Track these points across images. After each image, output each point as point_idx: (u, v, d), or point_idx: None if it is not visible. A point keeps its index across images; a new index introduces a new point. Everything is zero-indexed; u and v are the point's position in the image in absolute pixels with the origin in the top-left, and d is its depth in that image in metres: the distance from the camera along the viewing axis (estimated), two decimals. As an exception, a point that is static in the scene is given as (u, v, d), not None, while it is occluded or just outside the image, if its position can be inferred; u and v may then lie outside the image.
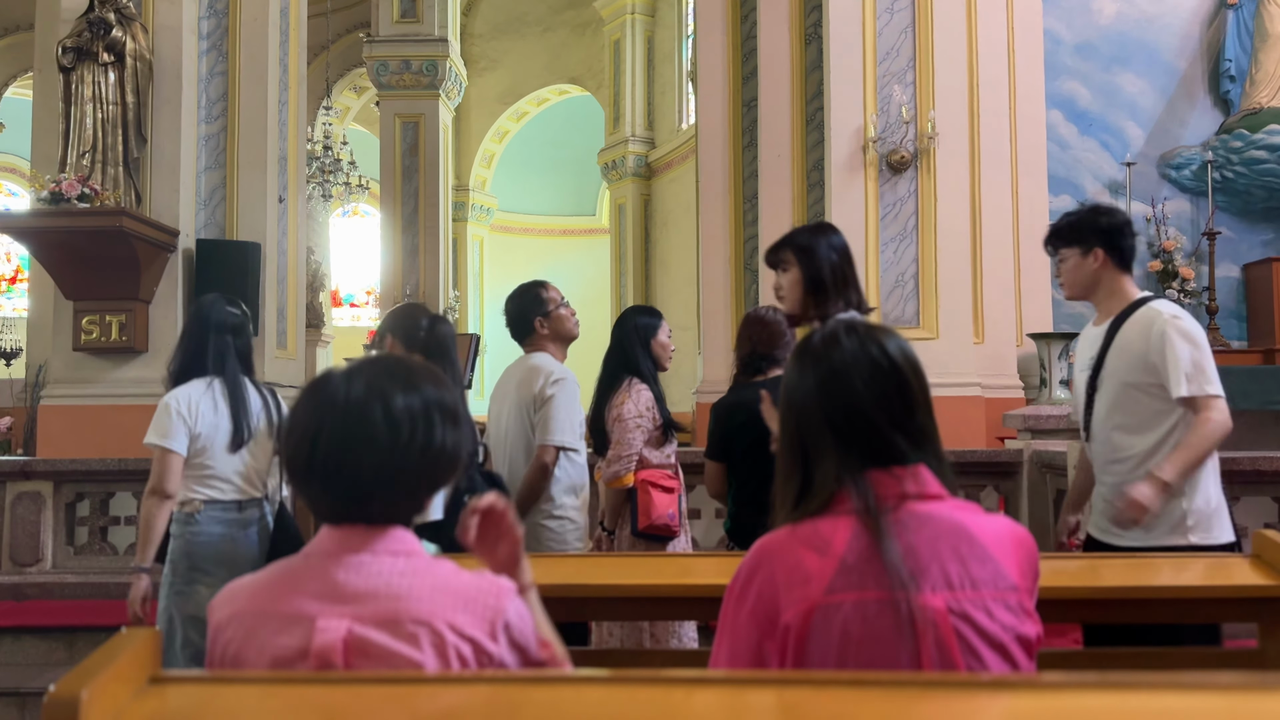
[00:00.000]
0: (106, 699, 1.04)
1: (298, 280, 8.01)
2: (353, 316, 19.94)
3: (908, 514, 1.32)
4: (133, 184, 6.47)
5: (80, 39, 6.32)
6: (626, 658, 2.86)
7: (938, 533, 1.31)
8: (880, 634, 1.26)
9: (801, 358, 1.44)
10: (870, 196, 6.59)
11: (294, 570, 1.27)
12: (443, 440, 1.28)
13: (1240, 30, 7.97)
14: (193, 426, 2.92)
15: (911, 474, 1.36)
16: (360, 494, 1.25)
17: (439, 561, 1.29)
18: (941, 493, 1.37)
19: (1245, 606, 2.13)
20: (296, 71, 7.91)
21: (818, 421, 1.38)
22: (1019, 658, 1.29)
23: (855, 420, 1.36)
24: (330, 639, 1.19)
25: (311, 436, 1.25)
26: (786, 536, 1.35)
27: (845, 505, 1.34)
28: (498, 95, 16.88)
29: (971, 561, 1.30)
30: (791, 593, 1.29)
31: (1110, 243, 2.82)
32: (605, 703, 1.10)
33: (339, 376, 1.29)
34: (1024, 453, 5.14)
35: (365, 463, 1.24)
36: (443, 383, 1.33)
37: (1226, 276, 7.96)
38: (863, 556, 1.29)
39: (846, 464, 1.35)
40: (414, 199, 13.58)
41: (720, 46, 7.95)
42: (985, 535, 1.33)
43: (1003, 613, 1.29)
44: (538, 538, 3.20)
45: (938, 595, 1.27)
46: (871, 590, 1.27)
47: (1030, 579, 1.34)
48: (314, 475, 1.26)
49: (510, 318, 3.40)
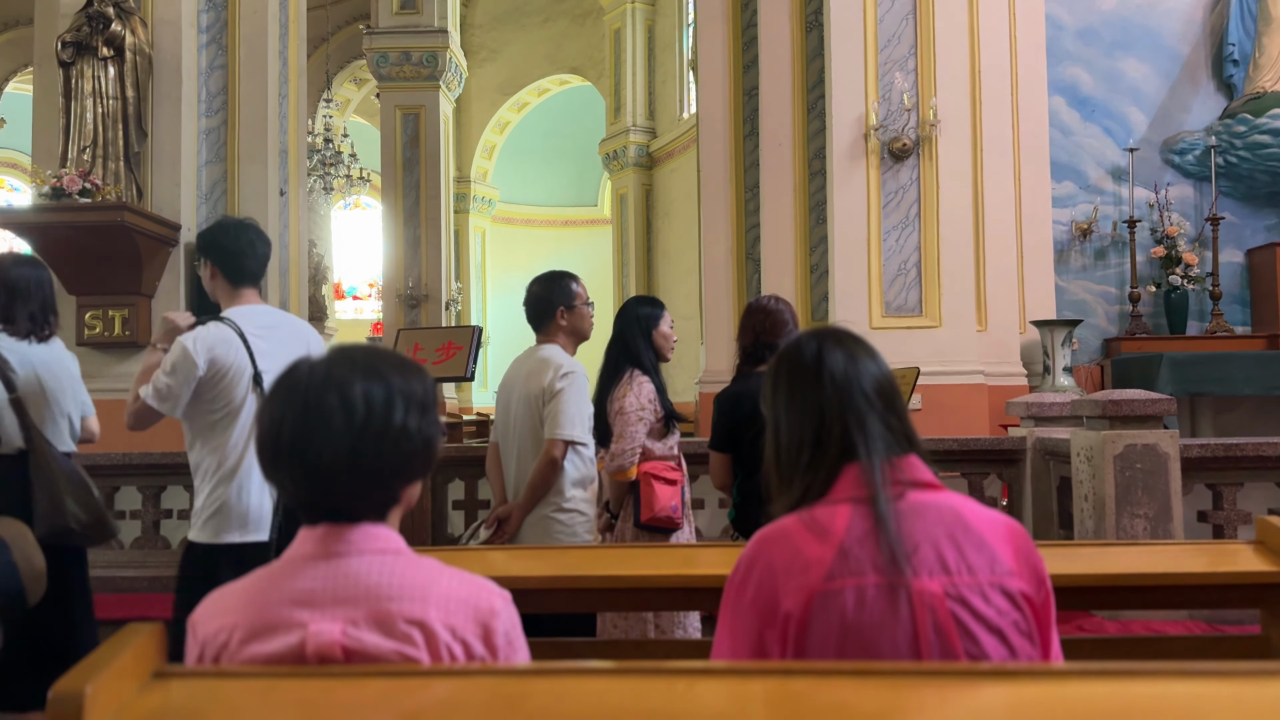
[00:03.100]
0: (110, 694, 1.04)
1: (300, 273, 8.01)
2: (355, 309, 19.95)
3: (907, 502, 1.34)
4: (134, 178, 6.47)
5: (79, 34, 6.31)
6: (630, 648, 2.86)
7: (935, 520, 1.33)
8: (879, 619, 1.27)
9: (791, 359, 1.48)
10: (872, 184, 6.57)
11: (279, 576, 1.25)
12: (404, 425, 1.25)
13: (1244, 14, 7.93)
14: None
15: (908, 464, 1.39)
16: (323, 484, 1.23)
17: (425, 560, 1.28)
18: (937, 482, 1.40)
19: (1249, 593, 2.13)
20: (296, 64, 7.89)
21: (821, 414, 1.40)
22: (1017, 643, 1.29)
23: (859, 412, 1.40)
24: (326, 642, 1.18)
25: (276, 426, 1.25)
26: (785, 525, 1.37)
27: (844, 493, 1.36)
28: (498, 86, 16.85)
29: (968, 548, 1.31)
30: (791, 581, 1.30)
31: None
32: (608, 694, 1.10)
33: (305, 365, 1.28)
34: (1027, 440, 5.13)
35: (325, 450, 1.22)
36: (414, 372, 1.31)
37: (1230, 262, 7.94)
38: (861, 542, 1.30)
39: (849, 454, 1.38)
40: (415, 191, 13.56)
41: (721, 35, 7.93)
42: (981, 523, 1.35)
43: (999, 598, 1.30)
44: (547, 530, 3.19)
45: (935, 580, 1.28)
46: (870, 576, 1.28)
47: (1024, 566, 1.35)
48: (281, 465, 1.25)
49: (533, 301, 3.36)
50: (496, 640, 1.24)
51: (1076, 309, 7.79)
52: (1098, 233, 7.96)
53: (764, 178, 7.45)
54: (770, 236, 7.37)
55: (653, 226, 15.21)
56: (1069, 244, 7.96)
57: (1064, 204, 7.91)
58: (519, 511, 3.21)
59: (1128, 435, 4.23)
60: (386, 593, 1.21)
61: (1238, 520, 4.51)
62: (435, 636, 1.20)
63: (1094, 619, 4.20)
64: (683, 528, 3.31)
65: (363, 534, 1.25)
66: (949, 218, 6.59)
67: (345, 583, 1.22)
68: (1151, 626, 4.08)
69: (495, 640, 1.24)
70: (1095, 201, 7.96)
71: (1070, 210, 7.96)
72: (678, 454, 3.39)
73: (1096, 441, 4.28)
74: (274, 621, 1.21)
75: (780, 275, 7.26)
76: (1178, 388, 6.72)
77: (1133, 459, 4.21)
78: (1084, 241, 7.97)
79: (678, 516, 3.24)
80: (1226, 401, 7.31)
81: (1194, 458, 4.43)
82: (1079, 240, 7.96)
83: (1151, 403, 4.25)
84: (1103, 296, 8.01)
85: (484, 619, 1.24)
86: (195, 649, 1.26)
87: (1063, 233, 7.92)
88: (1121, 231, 7.88)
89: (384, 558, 1.24)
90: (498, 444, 3.45)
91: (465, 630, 1.22)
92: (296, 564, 1.25)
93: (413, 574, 1.24)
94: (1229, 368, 6.97)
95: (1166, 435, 4.25)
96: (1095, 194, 8.00)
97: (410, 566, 1.25)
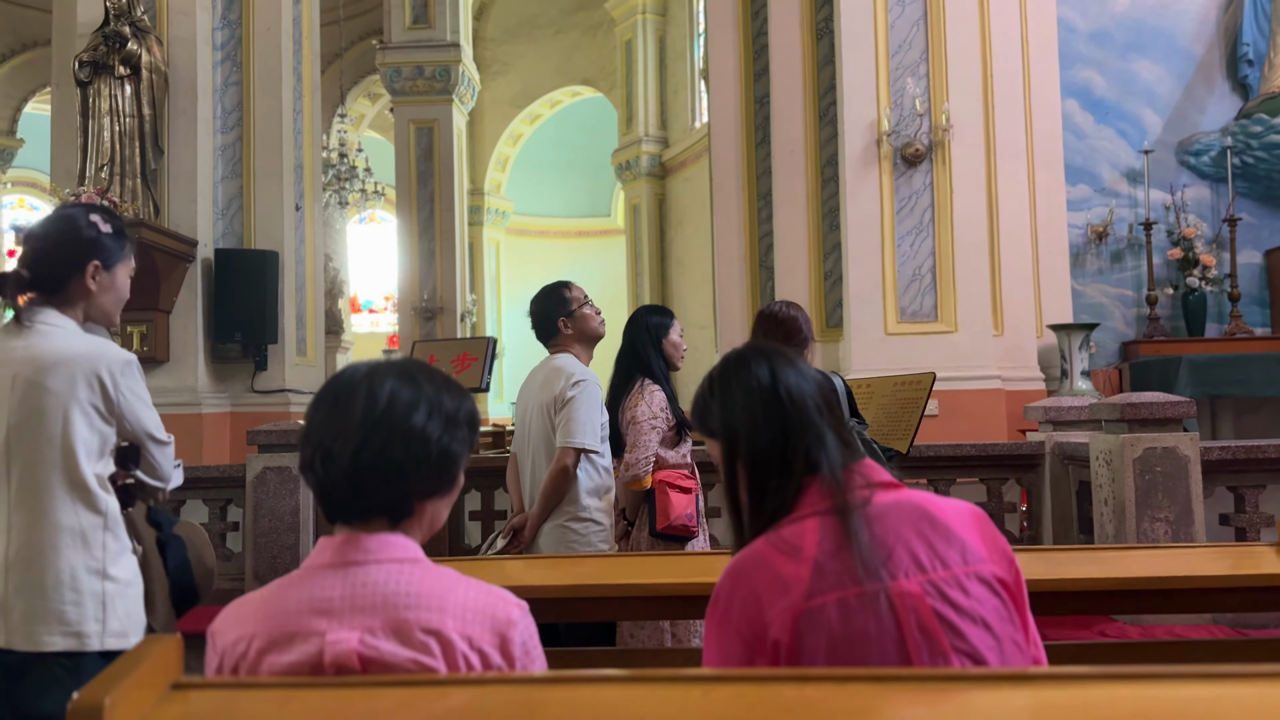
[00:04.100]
0: (129, 705, 1.05)
1: (316, 287, 8.06)
2: (371, 322, 20.05)
3: (874, 506, 1.35)
4: (150, 195, 6.53)
5: (96, 53, 6.39)
6: (647, 657, 2.85)
7: (903, 519, 1.33)
8: (865, 628, 1.26)
9: (746, 382, 1.45)
10: (885, 190, 6.56)
11: (297, 585, 1.25)
12: (422, 429, 1.26)
13: (1258, 14, 7.88)
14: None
15: (865, 468, 1.40)
16: (335, 474, 1.24)
17: (442, 569, 1.28)
18: (895, 481, 1.40)
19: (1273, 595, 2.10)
20: (310, 80, 7.96)
21: (785, 433, 1.40)
22: (1000, 631, 1.30)
23: (816, 427, 1.40)
24: (343, 651, 1.18)
25: (308, 416, 1.29)
26: (757, 550, 1.36)
27: (809, 507, 1.36)
28: (511, 98, 16.93)
29: (938, 542, 1.32)
30: (775, 605, 1.29)
31: None
32: (623, 702, 1.10)
33: (352, 366, 1.31)
34: (1046, 445, 5.10)
35: (339, 439, 1.24)
36: (452, 389, 1.32)
37: (1248, 263, 7.87)
38: (834, 555, 1.30)
39: (809, 469, 1.38)
40: (430, 204, 13.63)
41: (732, 44, 7.95)
42: (946, 515, 1.36)
43: (977, 588, 1.30)
44: (563, 540, 3.19)
45: (912, 580, 1.28)
46: (850, 587, 1.28)
47: (993, 550, 1.35)
48: (305, 453, 1.28)
49: (535, 319, 3.38)
50: (514, 650, 1.24)
51: (1093, 312, 7.74)
52: (1114, 235, 7.91)
53: (776, 185, 7.45)
54: (783, 244, 7.37)
55: (666, 236, 15.23)
56: (1085, 247, 7.92)
57: (1079, 207, 7.87)
58: (533, 521, 3.21)
59: (1147, 438, 4.19)
60: (404, 602, 1.21)
61: (1260, 523, 4.46)
62: (452, 646, 1.20)
63: (1116, 624, 4.17)
64: (698, 536, 3.31)
65: (380, 542, 1.26)
66: (963, 222, 6.57)
67: (363, 591, 1.22)
68: (1174, 631, 4.04)
69: (512, 650, 1.24)
70: (1111, 204, 7.91)
71: (1085, 213, 7.92)
72: (690, 462, 3.39)
73: (1116, 445, 4.25)
74: (292, 631, 1.21)
75: (794, 282, 7.26)
76: (1197, 390, 6.66)
77: (1153, 462, 4.17)
78: (1100, 244, 7.92)
79: (693, 524, 3.24)
80: (1247, 403, 7.24)
81: (1215, 460, 4.39)
82: (1095, 243, 7.91)
83: (1171, 405, 4.22)
84: (1120, 299, 7.95)
85: (501, 629, 1.24)
86: (215, 659, 1.26)
87: (1078, 236, 7.88)
88: (1138, 234, 7.83)
89: (401, 567, 1.24)
90: (517, 454, 3.45)
91: (482, 640, 1.22)
92: (314, 572, 1.25)
93: (430, 583, 1.24)
94: (1249, 369, 6.91)
95: (1186, 438, 4.21)
96: (1111, 197, 7.95)
97: (428, 576, 1.25)
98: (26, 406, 2.01)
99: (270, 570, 4.51)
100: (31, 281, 2.08)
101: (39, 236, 2.12)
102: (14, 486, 2.01)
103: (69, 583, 1.99)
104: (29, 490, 2.01)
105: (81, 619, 1.98)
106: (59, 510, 2.01)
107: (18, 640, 1.97)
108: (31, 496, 2.01)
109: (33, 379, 2.01)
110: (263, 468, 4.70)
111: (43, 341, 2.04)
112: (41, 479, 2.01)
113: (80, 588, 2.00)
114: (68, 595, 1.99)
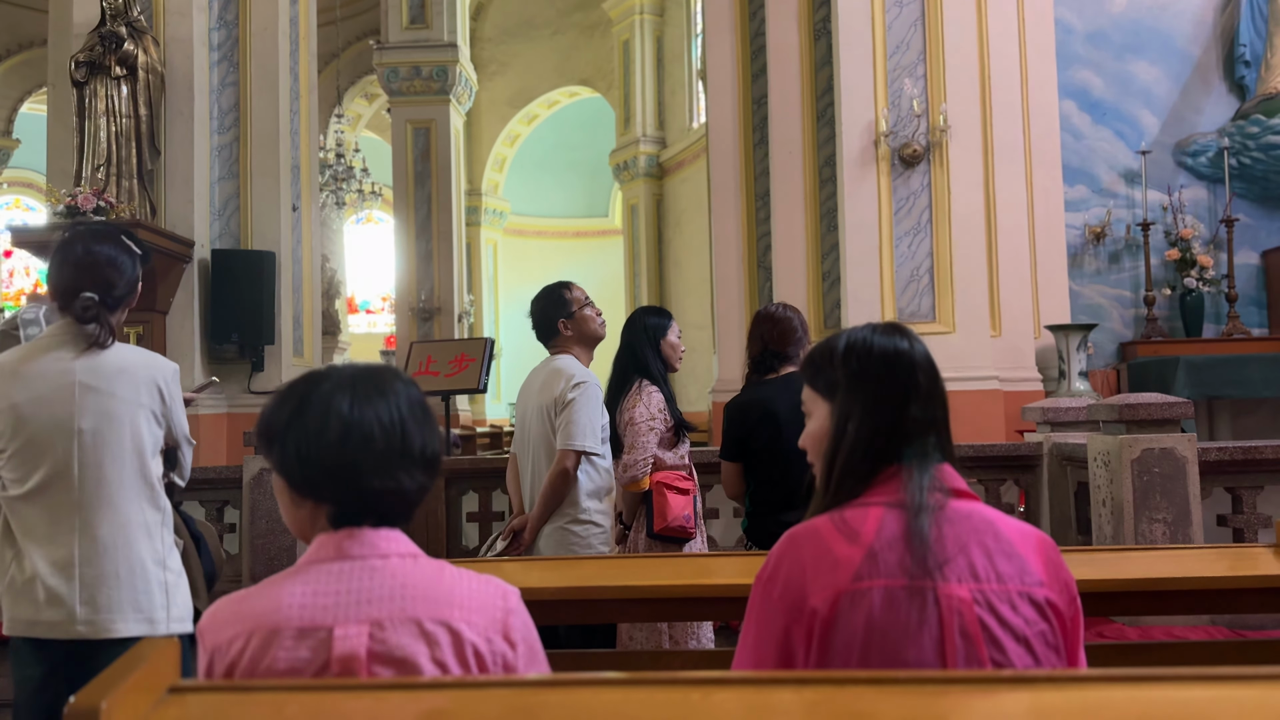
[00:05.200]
0: (126, 709, 1.04)
1: (313, 288, 8.05)
2: (368, 323, 20.04)
3: (946, 511, 1.34)
4: (147, 196, 6.52)
5: (93, 53, 6.37)
6: (645, 659, 2.85)
7: (969, 528, 1.32)
8: (906, 621, 1.26)
9: (859, 357, 1.41)
10: (883, 191, 6.56)
11: (297, 581, 1.25)
12: (402, 420, 1.27)
13: (1254, 14, 7.89)
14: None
15: (945, 473, 1.38)
16: (324, 473, 1.25)
17: (439, 563, 1.29)
18: (971, 492, 1.39)
19: (1271, 596, 2.10)
20: (307, 80, 7.95)
21: (876, 421, 1.38)
22: (1043, 654, 1.28)
23: (909, 419, 1.37)
24: (351, 646, 1.19)
25: (283, 431, 1.30)
26: (816, 525, 1.36)
27: (878, 497, 1.35)
28: (508, 99, 16.92)
29: (998, 556, 1.31)
30: (819, 579, 1.30)
31: None
32: (622, 704, 1.09)
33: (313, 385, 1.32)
34: (1044, 445, 5.10)
35: (327, 440, 1.25)
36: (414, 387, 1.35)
37: (1246, 264, 7.87)
38: (891, 546, 1.30)
39: (891, 457, 1.37)
40: (427, 204, 13.62)
41: (729, 44, 7.94)
42: (1012, 533, 1.35)
43: (1027, 608, 1.29)
44: (563, 542, 3.18)
45: (964, 586, 1.28)
46: (899, 578, 1.28)
47: (1054, 578, 1.33)
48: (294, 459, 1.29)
49: (535, 320, 3.37)
50: (514, 635, 1.27)
51: (1091, 313, 7.74)
52: (1111, 236, 7.91)
53: (774, 186, 7.45)
54: (781, 244, 7.37)
55: (664, 236, 15.23)
56: (1082, 248, 7.92)
57: (1077, 208, 7.87)
58: (533, 523, 3.21)
59: (1145, 439, 4.19)
60: (411, 595, 1.22)
61: (1258, 524, 4.46)
62: (460, 636, 1.22)
63: (1114, 625, 4.17)
64: (695, 537, 3.30)
65: (382, 538, 1.26)
66: (961, 223, 6.57)
67: (369, 586, 1.23)
68: (1173, 632, 4.04)
69: (513, 635, 1.27)
70: (1108, 205, 7.91)
71: (1083, 214, 7.92)
72: (688, 463, 3.38)
73: (1114, 446, 4.25)
74: (295, 628, 1.21)
75: (792, 283, 7.25)
76: (1195, 391, 6.66)
77: (1150, 463, 4.17)
78: (1097, 245, 7.92)
79: (690, 526, 3.24)
80: (1245, 404, 7.25)
81: (1212, 461, 4.39)
82: (1092, 244, 7.91)
83: (1168, 406, 4.22)
84: (1117, 300, 7.95)
85: (502, 616, 1.27)
86: (205, 658, 1.26)
87: (1076, 237, 7.88)
88: (1135, 234, 7.83)
89: (404, 561, 1.26)
90: (516, 455, 3.45)
91: (489, 629, 1.24)
92: (316, 568, 1.25)
93: (432, 575, 1.26)
94: (1246, 370, 6.92)
95: (1184, 439, 4.21)
96: (1108, 197, 7.95)
97: (429, 569, 1.27)
98: (96, 413, 2.20)
99: (267, 571, 4.50)
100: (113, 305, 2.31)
101: (111, 264, 2.32)
102: (85, 487, 2.19)
103: (140, 573, 2.22)
104: (103, 489, 2.20)
105: (152, 606, 2.22)
106: (131, 507, 2.23)
107: (91, 629, 2.16)
108: (106, 495, 2.20)
109: (98, 386, 2.21)
110: (259, 469, 4.69)
111: (100, 351, 2.24)
112: (116, 478, 2.21)
113: (149, 577, 2.23)
114: (140, 584, 2.21)
